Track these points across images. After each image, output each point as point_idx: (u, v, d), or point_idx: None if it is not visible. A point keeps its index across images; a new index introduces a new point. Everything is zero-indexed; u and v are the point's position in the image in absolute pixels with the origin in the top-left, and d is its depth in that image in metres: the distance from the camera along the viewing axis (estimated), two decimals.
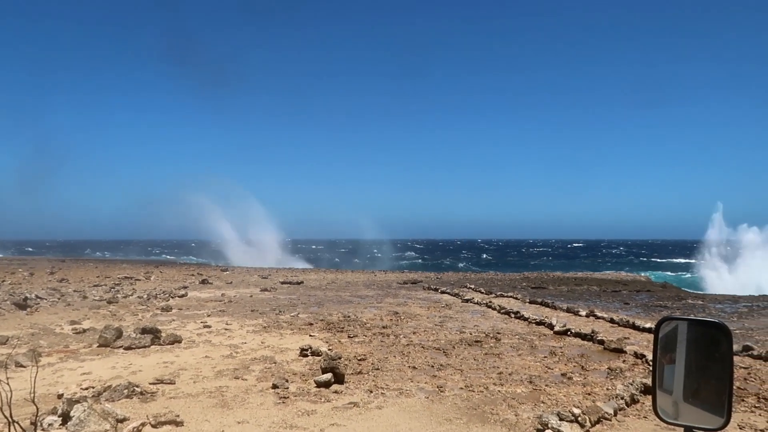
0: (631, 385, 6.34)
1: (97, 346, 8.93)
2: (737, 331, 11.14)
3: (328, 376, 6.63)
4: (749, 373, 7.37)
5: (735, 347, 8.84)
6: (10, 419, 3.76)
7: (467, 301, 16.43)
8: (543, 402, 6.04)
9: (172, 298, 16.79)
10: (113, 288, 19.72)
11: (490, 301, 15.75)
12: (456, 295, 18.25)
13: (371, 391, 6.38)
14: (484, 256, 79.59)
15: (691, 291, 21.49)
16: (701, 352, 1.60)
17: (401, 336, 10.15)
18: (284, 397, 6.08)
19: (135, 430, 4.58)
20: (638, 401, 6.03)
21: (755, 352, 8.43)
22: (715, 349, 1.54)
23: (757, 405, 6.00)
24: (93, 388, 6.14)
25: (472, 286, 21.83)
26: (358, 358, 8.14)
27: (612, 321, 11.97)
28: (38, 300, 14.99)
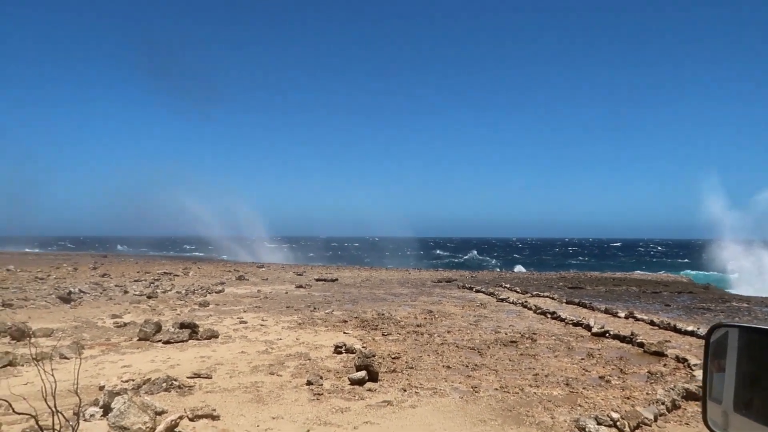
0: (673, 390, 6.14)
1: (137, 340, 9.16)
2: None
3: (362, 373, 6.63)
4: None
5: None
6: (54, 409, 3.88)
7: (502, 300, 16.24)
8: (580, 405, 5.90)
9: (210, 293, 17.11)
10: (153, 283, 20.22)
11: (526, 301, 15.53)
12: (491, 294, 18.07)
13: (405, 390, 6.36)
14: (519, 255, 78.48)
15: (735, 293, 20.72)
16: (755, 361, 1.49)
17: (435, 335, 10.09)
18: (318, 394, 6.11)
19: (173, 423, 4.67)
20: (679, 407, 5.84)
21: None
22: None
23: None
24: (133, 380, 6.30)
25: (508, 285, 21.57)
26: (392, 356, 8.12)
27: (652, 323, 11.64)
28: (81, 294, 15.49)
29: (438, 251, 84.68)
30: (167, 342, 8.94)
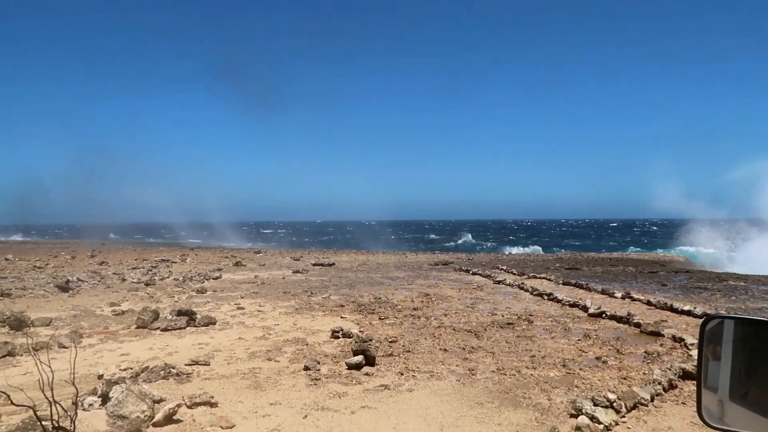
0: (669, 369, 6.18)
1: (135, 328, 9.17)
2: None
3: (359, 358, 6.66)
4: None
5: None
6: (51, 400, 3.88)
7: (499, 282, 16.30)
8: (577, 386, 5.94)
9: (207, 280, 17.12)
10: (150, 270, 20.22)
11: (523, 283, 15.58)
12: (488, 276, 18.12)
13: (402, 374, 6.39)
14: (514, 236, 78.56)
15: (732, 272, 20.80)
16: (751, 352, 1.49)
17: (432, 318, 10.13)
18: (316, 379, 6.14)
19: (171, 411, 4.68)
20: (676, 386, 5.88)
21: None
22: (767, 350, 1.43)
23: None
24: (131, 369, 6.31)
25: (504, 267, 21.64)
26: (389, 340, 8.15)
27: (649, 303, 11.70)
28: (80, 282, 15.48)
29: (433, 235, 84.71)
30: (165, 329, 8.95)
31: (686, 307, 10.64)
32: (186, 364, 6.74)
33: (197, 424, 4.71)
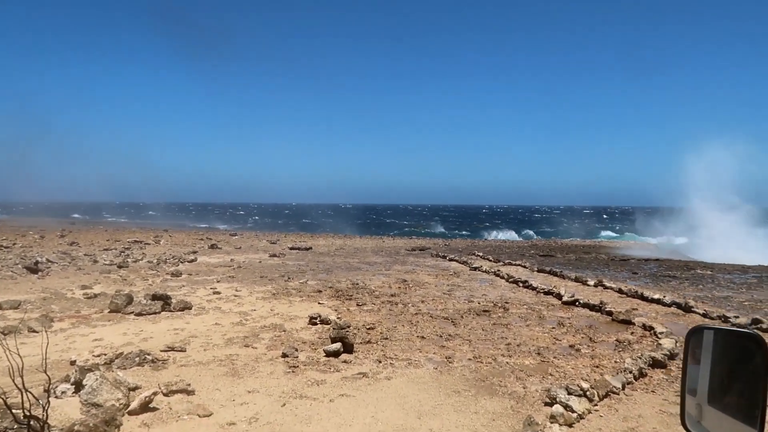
0: (640, 358, 6.34)
1: (108, 312, 9.02)
2: (746, 303, 11.10)
3: (337, 345, 6.66)
4: None
5: (743, 320, 8.81)
6: (22, 388, 3.80)
7: (475, 269, 16.45)
8: (551, 374, 6.05)
9: (182, 263, 16.91)
10: (123, 252, 19.89)
11: (498, 270, 15.76)
12: (464, 262, 18.28)
13: (380, 362, 6.42)
14: (489, 222, 79.17)
15: (700, 261, 21.34)
16: (732, 361, 1.59)
17: (409, 305, 10.18)
18: (294, 366, 6.13)
19: (147, 399, 4.63)
20: (646, 375, 6.04)
21: (764, 326, 8.40)
22: (747, 359, 1.51)
23: None
24: (105, 355, 6.22)
25: (480, 254, 21.84)
26: (367, 327, 8.18)
27: (620, 291, 11.95)
28: (49, 264, 15.14)
29: (407, 220, 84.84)
30: (139, 314, 8.83)
31: (656, 296, 10.91)
32: (161, 351, 6.66)
33: (174, 412, 4.67)
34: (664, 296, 10.86)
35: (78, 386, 4.87)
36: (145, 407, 4.63)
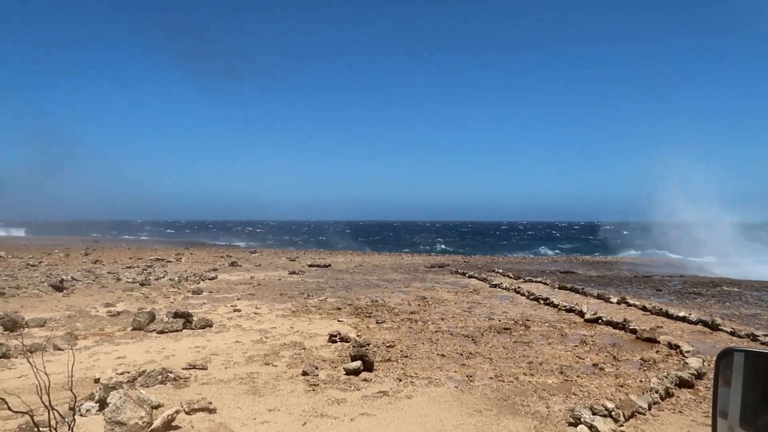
0: (666, 378, 6.21)
1: (131, 330, 9.12)
2: None
3: (357, 363, 6.64)
4: None
5: None
6: (49, 406, 3.85)
7: (495, 286, 16.32)
8: (575, 394, 5.95)
9: (203, 280, 17.06)
10: (145, 270, 20.13)
11: (519, 287, 15.61)
12: (484, 279, 18.15)
13: (400, 380, 6.38)
14: (507, 241, 78.51)
15: (726, 277, 20.91)
16: (763, 384, 1.58)
17: (429, 322, 10.13)
18: (314, 385, 6.12)
19: (169, 417, 4.66)
20: (673, 395, 5.91)
21: None
22: None
23: None
24: (128, 372, 6.28)
25: (500, 271, 21.67)
26: (387, 344, 8.15)
27: (644, 309, 11.75)
28: (74, 282, 15.40)
29: (424, 236, 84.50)
30: (161, 332, 8.91)
31: (681, 314, 10.70)
32: (183, 368, 6.70)
33: (196, 430, 4.69)
34: (690, 314, 10.64)
35: (102, 404, 4.92)
36: (168, 425, 4.66)
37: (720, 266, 25.39)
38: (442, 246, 58.82)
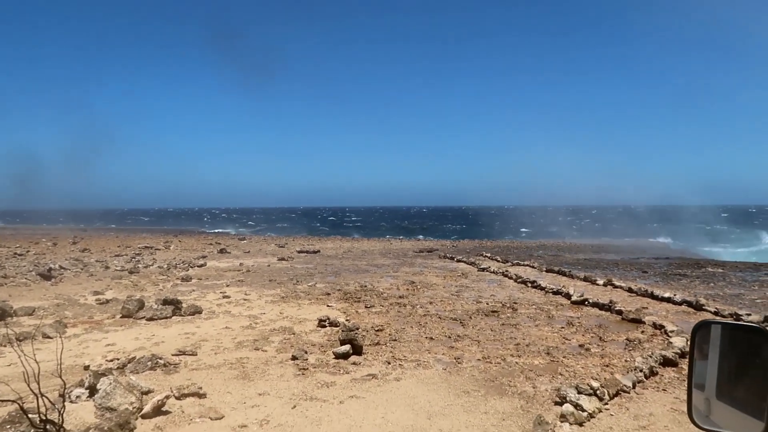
0: (650, 357, 6.32)
1: (120, 317, 9.12)
2: (758, 301, 11.03)
3: (347, 347, 6.70)
4: None
5: (756, 317, 8.76)
6: (38, 393, 3.86)
7: (483, 269, 16.44)
8: (561, 374, 6.05)
9: (192, 267, 17.03)
10: (134, 258, 20.05)
11: (507, 270, 15.74)
12: (472, 263, 18.27)
13: (389, 363, 6.45)
14: (496, 223, 78.81)
15: (711, 259, 21.22)
16: (739, 356, 1.61)
17: (418, 306, 10.21)
18: (303, 369, 6.18)
19: (159, 402, 4.68)
20: (657, 373, 6.03)
21: None
22: (755, 353, 1.53)
23: None
24: (118, 359, 6.29)
25: (488, 254, 21.82)
26: (376, 328, 8.21)
27: (630, 290, 11.91)
28: (62, 270, 15.31)
29: (414, 221, 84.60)
30: (151, 319, 8.91)
31: (666, 294, 10.86)
32: (173, 354, 6.73)
33: (186, 415, 4.72)
34: (675, 295, 10.81)
35: (92, 391, 4.94)
36: (158, 410, 4.69)
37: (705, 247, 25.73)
38: (429, 232, 58.98)
